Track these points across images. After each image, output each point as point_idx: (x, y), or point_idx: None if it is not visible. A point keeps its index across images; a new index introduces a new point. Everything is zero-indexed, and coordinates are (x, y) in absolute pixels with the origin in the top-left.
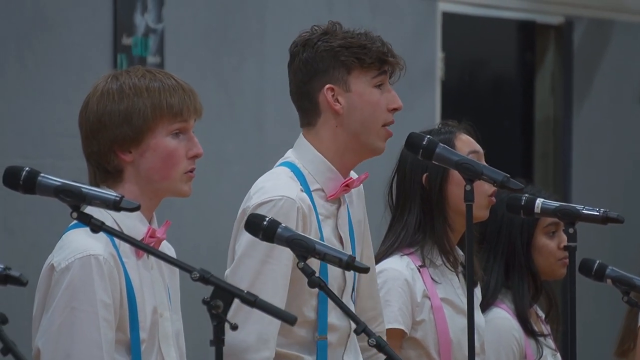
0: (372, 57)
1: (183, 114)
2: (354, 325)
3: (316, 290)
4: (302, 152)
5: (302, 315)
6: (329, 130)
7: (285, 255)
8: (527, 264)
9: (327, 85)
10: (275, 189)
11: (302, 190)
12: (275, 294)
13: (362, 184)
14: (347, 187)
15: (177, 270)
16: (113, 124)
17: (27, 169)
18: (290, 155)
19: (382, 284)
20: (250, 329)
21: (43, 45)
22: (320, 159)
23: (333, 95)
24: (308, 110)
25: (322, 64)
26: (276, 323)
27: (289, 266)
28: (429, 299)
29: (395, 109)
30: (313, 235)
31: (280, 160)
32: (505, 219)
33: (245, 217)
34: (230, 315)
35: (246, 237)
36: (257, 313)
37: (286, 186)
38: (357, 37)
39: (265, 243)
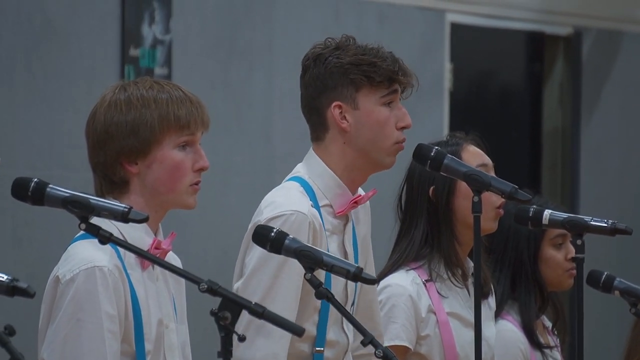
0: (381, 76)
1: (190, 127)
2: (351, 343)
3: (318, 305)
4: (312, 167)
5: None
6: (337, 147)
7: (296, 271)
8: (534, 275)
9: (335, 103)
10: (287, 203)
11: (312, 206)
12: (286, 309)
13: (369, 200)
14: (356, 203)
15: (182, 280)
16: (120, 135)
17: (35, 180)
18: (299, 169)
19: (385, 299)
20: (259, 346)
21: (51, 56)
22: (329, 174)
23: (341, 113)
24: (317, 125)
25: (331, 81)
26: (286, 339)
27: (300, 281)
28: (435, 314)
29: (404, 127)
30: None
31: (290, 175)
32: (512, 230)
33: None
34: (239, 331)
35: (258, 252)
36: (266, 329)
37: (298, 201)
38: (369, 54)
39: (276, 258)
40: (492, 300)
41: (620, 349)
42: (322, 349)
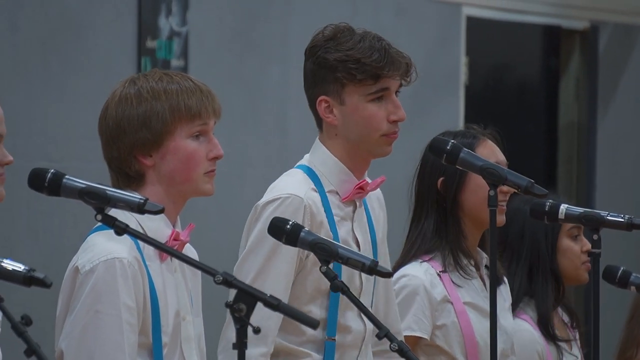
0: (363, 74)
1: (202, 116)
2: (369, 330)
3: (323, 288)
4: (316, 155)
5: (312, 315)
6: (332, 137)
7: (289, 254)
8: (552, 266)
9: (320, 97)
10: (284, 187)
11: (314, 190)
12: (276, 291)
13: (383, 191)
14: (361, 189)
15: (198, 272)
16: (132, 128)
17: (52, 171)
18: (305, 158)
19: (399, 289)
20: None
21: (68, 48)
22: (333, 160)
23: (328, 107)
24: (315, 116)
25: (319, 76)
26: (275, 319)
27: (293, 265)
28: (452, 303)
29: (395, 121)
30: (323, 235)
31: (297, 164)
32: (527, 223)
33: (256, 214)
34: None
35: (254, 234)
36: (255, 309)
37: (296, 185)
38: (357, 50)
39: (270, 241)
40: (504, 289)
41: None
42: (333, 337)
